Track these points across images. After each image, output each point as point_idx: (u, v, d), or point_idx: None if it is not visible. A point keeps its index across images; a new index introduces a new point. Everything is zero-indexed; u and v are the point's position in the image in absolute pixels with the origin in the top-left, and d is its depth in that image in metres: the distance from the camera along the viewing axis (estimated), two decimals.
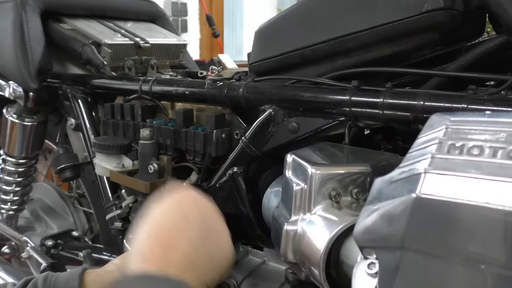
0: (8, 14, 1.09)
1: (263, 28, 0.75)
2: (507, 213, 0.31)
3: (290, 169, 0.56)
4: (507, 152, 0.33)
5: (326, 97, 0.64)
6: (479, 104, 0.52)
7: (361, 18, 0.62)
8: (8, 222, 1.32)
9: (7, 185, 1.27)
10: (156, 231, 0.50)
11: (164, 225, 0.51)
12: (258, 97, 0.72)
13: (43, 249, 1.23)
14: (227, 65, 1.00)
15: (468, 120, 0.38)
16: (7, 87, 1.15)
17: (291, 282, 0.64)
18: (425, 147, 0.38)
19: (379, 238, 0.38)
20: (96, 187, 1.06)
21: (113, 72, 1.06)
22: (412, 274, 0.35)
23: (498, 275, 0.31)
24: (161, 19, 1.35)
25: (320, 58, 0.68)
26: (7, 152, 1.23)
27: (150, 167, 0.81)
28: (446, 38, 0.59)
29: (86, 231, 1.36)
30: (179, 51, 1.23)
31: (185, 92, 0.82)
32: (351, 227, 0.47)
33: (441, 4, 0.55)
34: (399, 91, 0.59)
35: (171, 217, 0.52)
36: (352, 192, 0.52)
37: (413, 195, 0.35)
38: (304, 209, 0.53)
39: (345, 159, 0.61)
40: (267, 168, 0.77)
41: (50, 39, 1.13)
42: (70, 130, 1.15)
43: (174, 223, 0.51)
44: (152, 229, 0.50)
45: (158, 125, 0.85)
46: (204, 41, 3.61)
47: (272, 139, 0.72)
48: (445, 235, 0.33)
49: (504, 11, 0.52)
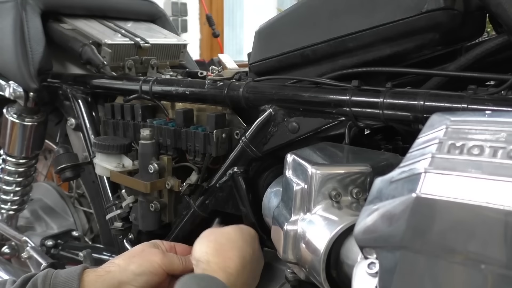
0: (8, 14, 1.09)
1: (263, 28, 0.75)
2: (507, 213, 0.31)
3: (290, 169, 0.57)
4: (507, 152, 0.33)
5: (326, 97, 0.64)
6: (479, 104, 0.52)
7: (361, 18, 0.62)
8: (8, 222, 1.32)
9: (7, 185, 1.27)
10: (219, 245, 0.64)
11: (227, 242, 0.65)
12: (258, 97, 0.72)
13: (43, 249, 1.23)
14: (227, 65, 1.00)
15: (468, 120, 0.38)
16: (7, 87, 1.15)
17: (291, 282, 0.64)
18: (425, 147, 0.38)
19: (379, 238, 0.38)
20: (96, 187, 1.07)
21: (113, 72, 1.06)
22: (412, 273, 0.35)
23: (498, 275, 0.31)
24: (161, 19, 1.35)
25: (320, 58, 0.68)
26: (7, 152, 1.23)
27: (150, 167, 0.81)
28: (446, 38, 0.59)
29: (86, 231, 1.36)
30: (179, 51, 1.23)
31: (185, 92, 0.82)
32: (351, 227, 0.47)
33: (441, 4, 0.55)
34: (399, 91, 0.59)
35: (233, 238, 0.66)
36: (352, 192, 0.52)
37: (413, 195, 0.35)
38: (304, 209, 0.53)
39: (345, 159, 0.61)
40: (267, 168, 0.77)
41: (50, 39, 1.13)
42: (70, 130, 1.15)
43: (235, 243, 0.65)
44: (216, 242, 0.65)
45: (158, 125, 0.85)
46: (204, 41, 3.61)
47: (272, 139, 0.72)
48: (445, 235, 0.33)
49: (504, 11, 0.52)
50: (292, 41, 0.70)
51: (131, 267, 0.66)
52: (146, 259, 0.68)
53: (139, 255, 0.69)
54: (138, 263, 0.67)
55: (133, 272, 0.66)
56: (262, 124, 0.72)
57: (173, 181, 0.82)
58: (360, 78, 0.63)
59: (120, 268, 0.66)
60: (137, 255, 0.69)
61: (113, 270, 0.66)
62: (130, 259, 0.68)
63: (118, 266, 0.67)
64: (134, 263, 0.67)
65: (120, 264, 0.67)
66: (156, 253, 0.69)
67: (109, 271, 0.66)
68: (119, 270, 0.66)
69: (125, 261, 0.68)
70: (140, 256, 0.69)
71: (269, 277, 0.77)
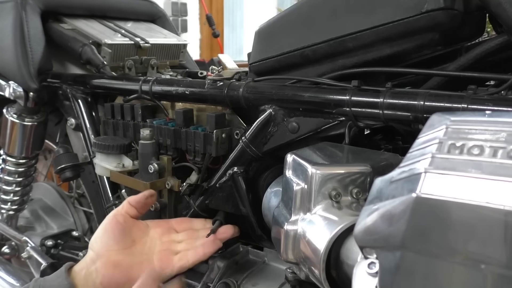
0: (8, 14, 1.09)
1: (263, 28, 0.75)
2: (507, 213, 0.31)
3: (290, 169, 0.56)
4: (507, 152, 0.33)
5: (326, 97, 0.64)
6: (479, 104, 0.52)
7: (361, 18, 0.62)
8: (8, 222, 1.32)
9: (7, 185, 1.27)
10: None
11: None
12: (258, 97, 0.72)
13: (43, 249, 1.23)
14: (227, 65, 1.00)
15: (468, 120, 0.38)
16: (7, 87, 1.15)
17: (291, 282, 0.64)
18: (425, 146, 0.38)
19: (379, 238, 0.38)
20: (96, 187, 1.06)
21: (113, 72, 1.06)
22: (412, 274, 0.35)
23: (498, 275, 0.31)
24: (161, 19, 1.35)
25: (320, 58, 0.68)
26: (7, 152, 1.23)
27: (150, 167, 0.81)
28: (446, 38, 0.59)
29: (86, 231, 1.36)
30: (179, 51, 1.23)
31: (185, 92, 0.82)
32: (351, 227, 0.47)
33: (441, 4, 0.55)
34: (399, 91, 0.59)
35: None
36: (352, 192, 0.52)
37: (413, 194, 0.35)
38: (304, 209, 0.53)
39: (345, 159, 0.61)
40: (267, 168, 0.77)
41: (50, 39, 1.13)
42: (70, 130, 1.15)
43: None
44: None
45: (158, 125, 0.85)
46: (204, 41, 3.61)
47: (272, 139, 0.72)
48: (445, 235, 0.33)
49: (504, 11, 0.52)
50: (292, 41, 0.70)
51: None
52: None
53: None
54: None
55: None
56: (262, 124, 0.72)
57: (173, 181, 0.82)
58: (360, 78, 0.63)
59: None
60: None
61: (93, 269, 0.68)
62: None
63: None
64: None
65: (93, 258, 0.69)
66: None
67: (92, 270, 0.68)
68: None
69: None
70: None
71: (269, 277, 0.77)
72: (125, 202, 0.74)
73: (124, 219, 0.71)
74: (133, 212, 0.73)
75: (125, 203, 0.73)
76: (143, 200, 0.74)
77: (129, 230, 0.71)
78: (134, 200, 0.74)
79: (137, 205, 0.73)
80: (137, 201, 0.74)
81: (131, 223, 0.72)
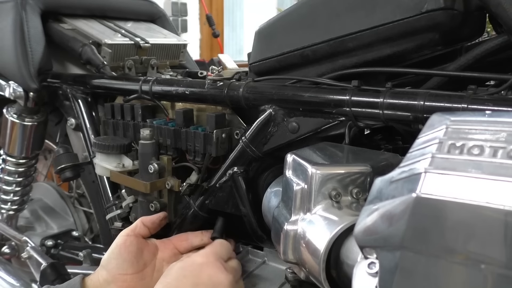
0: (8, 14, 1.09)
1: (263, 28, 0.75)
2: (508, 213, 0.31)
3: (290, 169, 0.56)
4: (507, 152, 0.33)
5: (326, 97, 0.64)
6: (479, 104, 0.52)
7: (361, 18, 0.62)
8: (8, 222, 1.32)
9: (7, 185, 1.27)
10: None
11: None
12: (258, 97, 0.72)
13: (43, 249, 1.23)
14: (227, 65, 1.00)
15: (468, 120, 0.38)
16: (7, 87, 1.15)
17: (291, 282, 0.64)
18: (425, 146, 0.38)
19: (379, 238, 0.38)
20: (96, 187, 1.06)
21: (113, 72, 1.06)
22: (412, 274, 0.35)
23: (498, 275, 0.31)
24: (161, 19, 1.35)
25: (320, 58, 0.68)
26: (7, 152, 1.23)
27: (150, 167, 0.81)
28: (446, 38, 0.59)
29: (86, 231, 1.36)
30: (179, 51, 1.23)
31: (185, 92, 0.82)
32: (351, 227, 0.47)
33: (441, 4, 0.55)
34: (399, 91, 0.59)
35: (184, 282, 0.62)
36: (352, 192, 0.52)
37: (413, 194, 0.35)
38: (304, 209, 0.53)
39: (345, 159, 0.61)
40: (267, 168, 0.77)
41: (50, 39, 1.13)
42: (70, 130, 1.15)
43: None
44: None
45: (158, 125, 0.85)
46: (204, 41, 3.61)
47: (272, 139, 0.72)
48: (445, 235, 0.33)
49: (504, 11, 0.52)
50: (292, 41, 0.70)
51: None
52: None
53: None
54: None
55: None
56: (262, 124, 0.72)
57: (173, 181, 0.82)
58: (360, 78, 0.63)
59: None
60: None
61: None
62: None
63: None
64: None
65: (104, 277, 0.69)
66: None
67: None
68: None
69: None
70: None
71: (269, 277, 0.77)
72: (138, 222, 0.74)
73: (137, 240, 0.72)
74: (145, 232, 0.74)
75: (139, 223, 0.73)
76: (157, 222, 0.75)
77: (141, 252, 0.71)
78: (148, 221, 0.74)
79: (151, 226, 0.74)
80: (152, 222, 0.74)
81: (143, 245, 0.72)
